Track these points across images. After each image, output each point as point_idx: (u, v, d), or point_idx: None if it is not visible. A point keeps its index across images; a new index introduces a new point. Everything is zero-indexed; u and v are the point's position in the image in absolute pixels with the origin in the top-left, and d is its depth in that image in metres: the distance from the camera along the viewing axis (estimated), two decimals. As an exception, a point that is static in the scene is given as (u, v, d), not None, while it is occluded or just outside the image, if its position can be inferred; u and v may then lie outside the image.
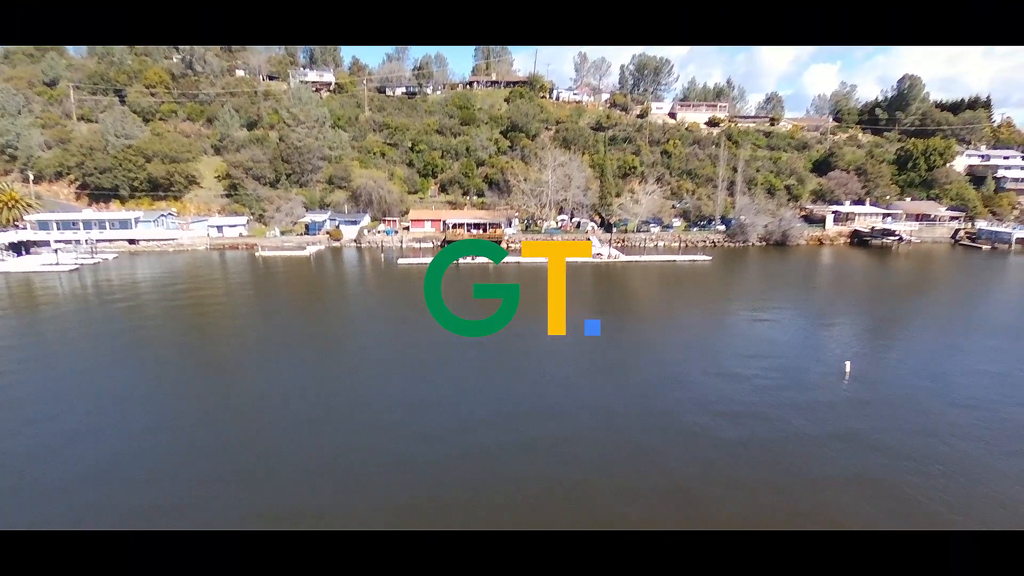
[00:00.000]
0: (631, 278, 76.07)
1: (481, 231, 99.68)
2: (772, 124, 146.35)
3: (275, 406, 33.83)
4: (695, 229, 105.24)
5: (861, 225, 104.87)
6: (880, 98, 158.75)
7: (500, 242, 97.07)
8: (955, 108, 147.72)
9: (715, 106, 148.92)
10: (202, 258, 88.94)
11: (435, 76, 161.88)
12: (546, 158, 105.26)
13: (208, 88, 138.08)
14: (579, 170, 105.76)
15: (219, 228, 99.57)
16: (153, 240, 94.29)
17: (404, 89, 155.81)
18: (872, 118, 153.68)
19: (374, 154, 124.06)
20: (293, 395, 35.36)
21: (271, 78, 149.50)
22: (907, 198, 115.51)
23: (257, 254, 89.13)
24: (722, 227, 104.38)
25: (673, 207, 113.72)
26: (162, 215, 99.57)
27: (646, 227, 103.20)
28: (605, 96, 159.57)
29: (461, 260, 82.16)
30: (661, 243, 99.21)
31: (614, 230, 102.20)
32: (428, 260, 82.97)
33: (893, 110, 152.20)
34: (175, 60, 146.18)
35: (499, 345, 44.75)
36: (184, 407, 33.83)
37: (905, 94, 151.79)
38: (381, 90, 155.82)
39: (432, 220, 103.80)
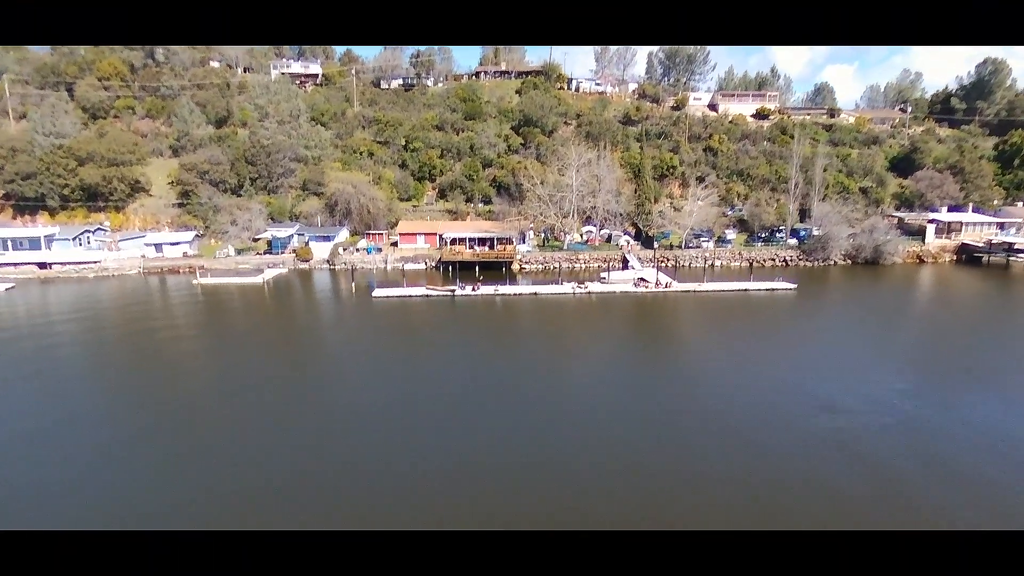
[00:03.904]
0: (692, 320, 54.51)
1: (487, 248, 78.68)
2: (832, 116, 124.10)
3: None
4: (758, 243, 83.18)
5: (971, 238, 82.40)
6: (954, 87, 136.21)
7: (511, 262, 75.93)
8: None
9: (763, 96, 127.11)
10: (126, 288, 68.59)
11: (437, 67, 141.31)
12: (568, 155, 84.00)
13: (172, 81, 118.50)
14: (609, 170, 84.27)
15: (157, 247, 79.29)
16: (70, 264, 74.09)
17: (401, 81, 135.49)
18: (946, 108, 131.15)
19: (360, 153, 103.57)
20: None
21: (250, 70, 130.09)
22: (1018, 203, 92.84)
23: (195, 281, 68.58)
24: (792, 241, 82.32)
25: (724, 215, 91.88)
26: (86, 231, 79.52)
27: (695, 241, 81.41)
28: (632, 86, 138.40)
29: (459, 291, 61.02)
30: (718, 262, 77.40)
31: (656, 245, 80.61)
32: (414, 292, 61.78)
33: (973, 99, 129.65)
34: (136, 50, 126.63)
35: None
36: None
37: (987, 80, 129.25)
38: (376, 84, 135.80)
39: (426, 234, 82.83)
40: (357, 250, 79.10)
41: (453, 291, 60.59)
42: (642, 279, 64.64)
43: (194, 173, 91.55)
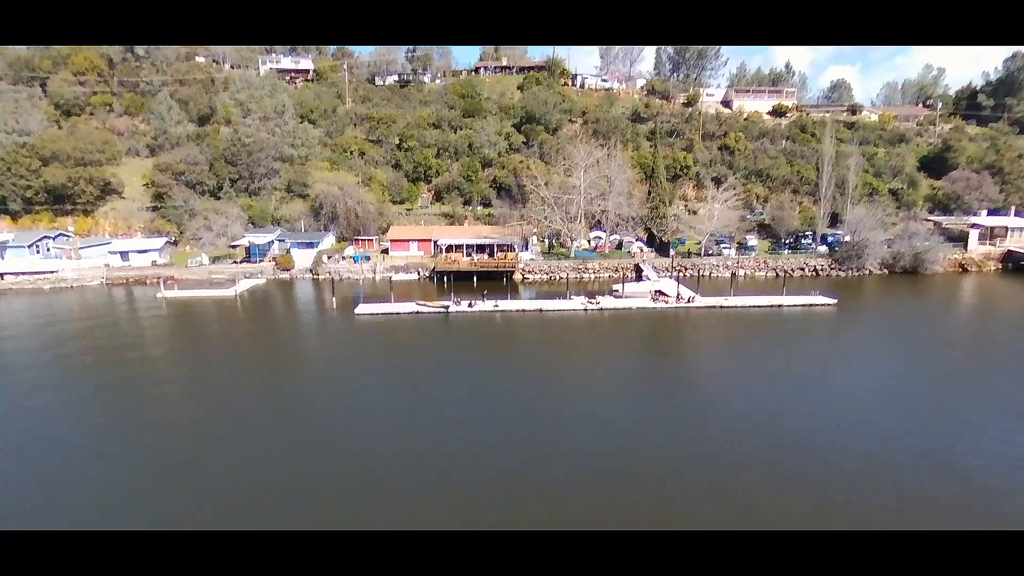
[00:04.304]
0: (723, 343, 47.19)
1: (486, 256, 71.47)
2: (853, 113, 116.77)
3: None
4: (785, 251, 75.70)
5: (1018, 244, 75.05)
6: (980, 83, 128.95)
7: (513, 272, 68.72)
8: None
9: (780, 92, 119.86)
10: (84, 301, 61.38)
11: (434, 63, 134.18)
12: (575, 154, 76.70)
13: (153, 76, 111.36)
14: (620, 170, 76.96)
15: (123, 255, 72.09)
16: (23, 274, 66.87)
17: (396, 78, 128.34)
18: (973, 106, 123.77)
19: (350, 153, 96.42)
20: None
21: (238, 66, 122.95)
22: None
23: (159, 295, 61.29)
24: (822, 248, 74.94)
25: (743, 219, 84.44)
26: (45, 237, 72.36)
27: (715, 248, 74.04)
28: (641, 83, 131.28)
29: (453, 307, 53.69)
30: (741, 272, 70.01)
31: (672, 252, 73.30)
32: (403, 308, 54.61)
33: (1001, 96, 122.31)
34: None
35: None
36: None
37: (1016, 76, 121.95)
38: (371, 80, 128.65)
39: (419, 240, 75.58)
40: (343, 258, 71.82)
41: (447, 307, 53.28)
42: (660, 292, 57.33)
43: (169, 174, 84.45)
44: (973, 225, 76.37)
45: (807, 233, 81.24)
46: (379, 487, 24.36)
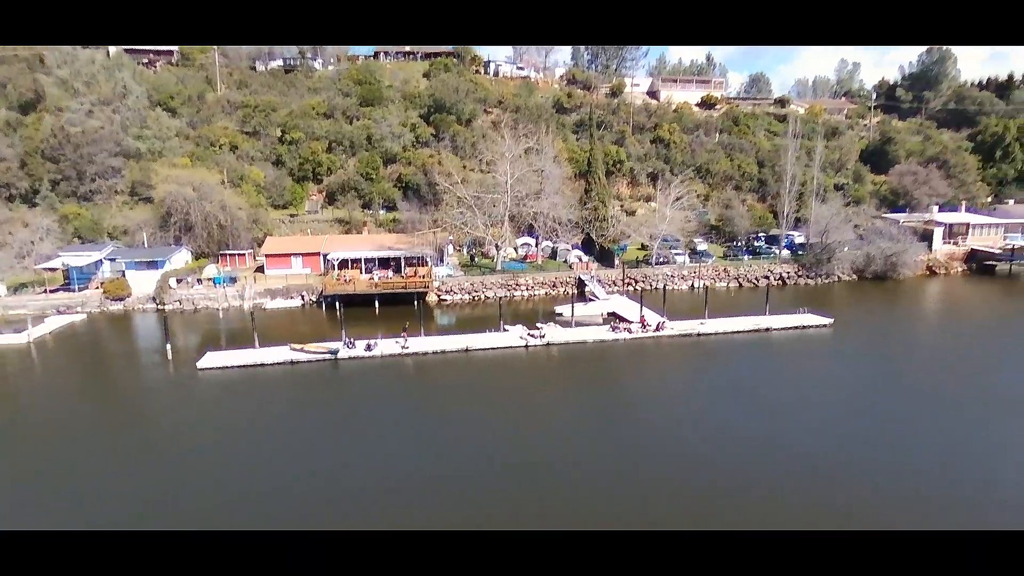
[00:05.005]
0: (734, 395, 34.97)
1: (391, 272, 56.51)
2: (782, 106, 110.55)
3: None
4: (746, 257, 65.15)
5: (979, 242, 68.79)
6: (897, 78, 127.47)
7: (426, 292, 54.09)
8: (1001, 88, 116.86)
9: (708, 82, 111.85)
10: None
11: (326, 49, 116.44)
12: (497, 146, 63.10)
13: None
14: (555, 164, 63.95)
15: None
16: None
17: (280, 63, 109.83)
18: (892, 100, 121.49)
19: (219, 147, 78.16)
20: None
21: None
22: (1009, 200, 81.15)
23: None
24: (784, 252, 65.34)
25: (688, 220, 73.78)
26: None
27: (667, 254, 62.59)
28: (560, 71, 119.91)
29: (344, 350, 38.38)
30: (699, 282, 58.78)
31: (617, 260, 61.19)
32: (270, 357, 38.82)
33: (919, 90, 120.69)
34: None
35: None
36: None
37: (931, 70, 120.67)
38: (252, 67, 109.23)
39: (304, 255, 59.29)
40: (200, 281, 54.29)
41: (335, 352, 37.94)
42: (616, 316, 44.80)
43: (-42, 174, 63.25)
44: (931, 223, 69.52)
45: (759, 235, 71.93)
46: None
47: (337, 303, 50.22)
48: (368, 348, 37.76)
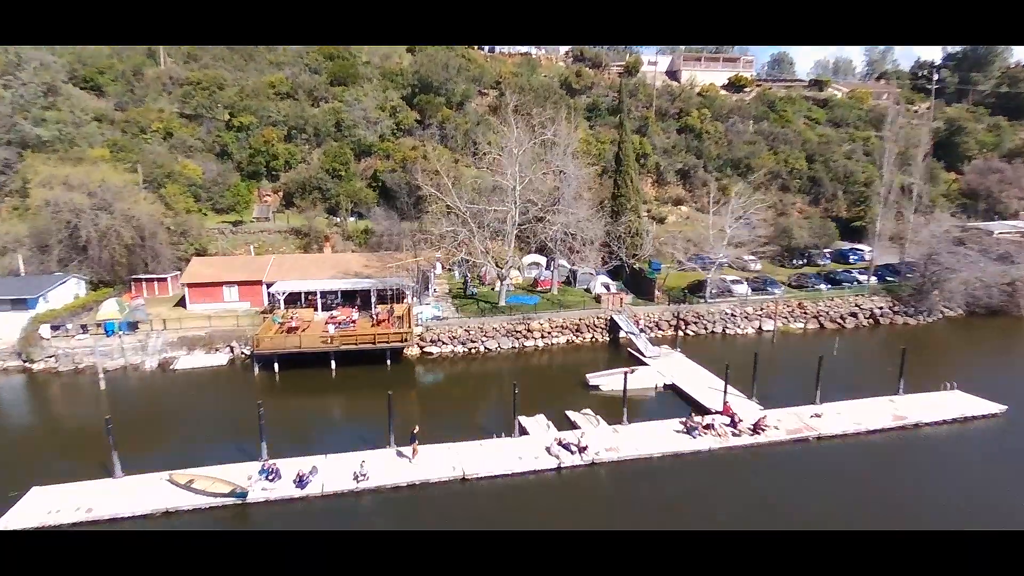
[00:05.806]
0: None
1: (357, 308, 41.84)
2: (820, 89, 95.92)
3: None
4: (824, 287, 50.07)
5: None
6: (941, 58, 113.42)
7: (404, 343, 39.03)
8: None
9: (736, 60, 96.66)
10: None
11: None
12: (502, 138, 48.14)
13: None
14: (575, 165, 48.62)
15: None
16: None
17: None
18: (933, 83, 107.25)
19: (150, 134, 62.52)
20: None
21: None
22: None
23: None
24: (873, 279, 50.89)
25: (751, 240, 58.82)
26: None
27: (721, 282, 47.96)
28: (564, 48, 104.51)
29: (259, 487, 23.65)
30: (770, 324, 44.36)
31: (657, 292, 46.61)
32: (133, 504, 24.06)
33: (965, 70, 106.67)
34: None
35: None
36: None
37: (978, 50, 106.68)
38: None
39: (242, 283, 44.24)
40: (85, 329, 38.81)
41: (241, 496, 22.89)
42: (676, 391, 30.52)
43: None
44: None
45: (824, 252, 57.88)
46: None
47: (275, 364, 35.60)
48: (300, 483, 22.94)
